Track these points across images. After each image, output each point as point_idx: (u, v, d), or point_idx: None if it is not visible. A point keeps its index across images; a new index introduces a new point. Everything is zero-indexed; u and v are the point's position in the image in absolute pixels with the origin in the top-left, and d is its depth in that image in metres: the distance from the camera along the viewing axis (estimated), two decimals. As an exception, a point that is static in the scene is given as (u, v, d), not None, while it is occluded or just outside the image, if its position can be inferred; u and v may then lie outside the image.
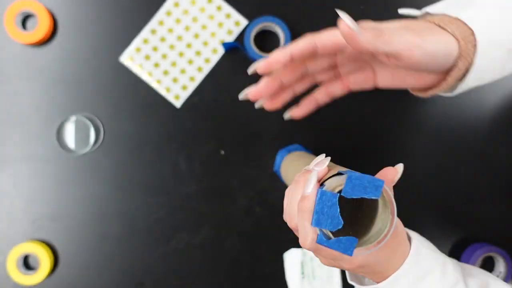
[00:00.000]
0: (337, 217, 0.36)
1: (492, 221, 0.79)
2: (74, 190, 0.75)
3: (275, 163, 0.75)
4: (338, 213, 0.36)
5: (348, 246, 0.37)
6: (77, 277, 0.75)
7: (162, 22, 0.76)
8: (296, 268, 0.75)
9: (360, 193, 0.36)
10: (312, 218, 0.37)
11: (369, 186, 0.36)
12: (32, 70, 0.75)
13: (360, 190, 0.36)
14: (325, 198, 0.36)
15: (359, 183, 0.36)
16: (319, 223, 0.36)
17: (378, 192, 0.36)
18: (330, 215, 0.36)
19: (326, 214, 0.36)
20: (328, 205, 0.36)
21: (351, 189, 0.36)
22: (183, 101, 0.76)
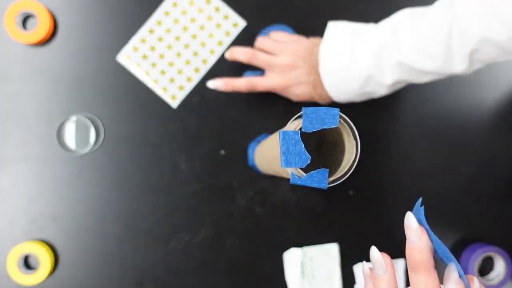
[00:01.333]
0: (303, 153, 0.37)
1: (491, 221, 0.79)
2: (74, 190, 0.75)
3: (248, 157, 0.75)
4: (303, 149, 0.37)
5: (321, 179, 0.37)
6: (77, 277, 0.75)
7: (160, 22, 0.76)
8: (296, 268, 0.75)
9: (319, 125, 0.37)
10: (280, 159, 0.38)
11: (326, 116, 0.37)
12: (32, 70, 0.75)
13: (318, 122, 0.37)
14: (287, 138, 0.37)
15: (315, 116, 0.37)
16: (288, 163, 0.37)
17: (335, 120, 0.37)
18: (297, 153, 0.37)
19: (292, 152, 0.37)
20: (292, 144, 0.37)
21: (309, 123, 0.37)
22: (179, 102, 0.76)
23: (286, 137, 0.37)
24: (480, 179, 0.79)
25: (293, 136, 0.37)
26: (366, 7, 0.78)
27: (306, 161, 0.37)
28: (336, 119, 0.37)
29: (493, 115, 0.79)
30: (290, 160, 0.37)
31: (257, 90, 0.71)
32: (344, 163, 0.41)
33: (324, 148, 0.44)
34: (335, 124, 0.37)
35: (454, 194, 0.78)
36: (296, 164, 0.37)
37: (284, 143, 0.37)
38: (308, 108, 0.38)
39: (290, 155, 0.37)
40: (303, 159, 0.37)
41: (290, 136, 0.37)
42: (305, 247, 0.76)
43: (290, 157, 0.37)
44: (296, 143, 0.37)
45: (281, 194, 0.77)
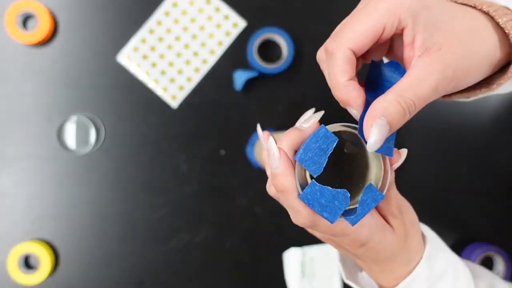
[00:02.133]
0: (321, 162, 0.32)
1: (491, 221, 0.79)
2: (74, 190, 0.75)
3: (247, 152, 0.75)
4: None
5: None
6: (77, 276, 0.75)
7: (160, 22, 0.76)
8: (296, 268, 0.75)
9: (323, 156, 0.32)
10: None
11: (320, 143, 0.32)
12: (33, 70, 0.75)
13: (319, 155, 0.32)
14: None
15: (311, 154, 0.32)
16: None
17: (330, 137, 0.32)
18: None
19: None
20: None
21: (313, 164, 0.32)
22: (179, 102, 0.76)
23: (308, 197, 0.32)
24: (480, 179, 0.79)
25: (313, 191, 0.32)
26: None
27: (347, 197, 0.32)
28: (330, 136, 0.32)
29: (493, 115, 0.79)
30: (333, 211, 0.32)
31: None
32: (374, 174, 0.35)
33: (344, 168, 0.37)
34: (334, 140, 0.32)
35: (454, 194, 0.78)
36: (341, 209, 0.32)
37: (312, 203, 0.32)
38: (299, 155, 0.32)
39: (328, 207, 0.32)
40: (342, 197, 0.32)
41: (311, 194, 0.32)
42: (305, 247, 0.76)
43: (330, 209, 0.32)
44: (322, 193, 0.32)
45: (281, 194, 0.77)
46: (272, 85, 0.77)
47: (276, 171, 0.32)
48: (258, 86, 0.77)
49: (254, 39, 0.74)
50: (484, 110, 0.79)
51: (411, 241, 0.38)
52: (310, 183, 0.32)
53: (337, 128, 0.33)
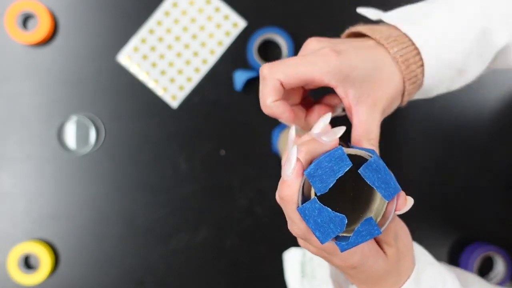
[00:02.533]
0: (335, 216, 0.32)
1: (491, 221, 0.79)
2: (74, 190, 0.75)
3: (272, 142, 0.75)
4: (332, 213, 0.32)
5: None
6: (77, 276, 0.75)
7: (160, 22, 0.76)
8: (296, 268, 0.75)
9: (332, 177, 0.32)
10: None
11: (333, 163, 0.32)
12: (33, 70, 0.75)
13: (329, 175, 0.32)
14: (308, 212, 0.32)
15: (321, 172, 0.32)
16: (326, 237, 0.32)
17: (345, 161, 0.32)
18: (327, 220, 0.32)
19: (323, 223, 0.32)
20: (317, 215, 0.32)
21: (321, 182, 0.32)
22: (180, 102, 0.76)
23: (306, 212, 0.32)
24: (480, 179, 0.79)
25: (312, 208, 0.32)
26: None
27: (343, 223, 0.32)
28: (345, 160, 0.32)
29: (493, 115, 0.79)
30: (326, 232, 0.32)
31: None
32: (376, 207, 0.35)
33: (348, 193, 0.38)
34: (348, 165, 0.32)
35: (454, 194, 0.78)
36: (335, 232, 0.32)
37: (308, 219, 0.32)
38: (309, 170, 0.32)
39: (322, 227, 0.32)
40: (338, 222, 0.32)
41: (310, 210, 0.32)
42: (305, 247, 0.76)
43: (324, 229, 0.32)
44: (320, 212, 0.32)
45: (281, 194, 0.77)
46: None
47: (285, 179, 0.34)
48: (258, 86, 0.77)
49: (254, 39, 0.74)
50: (484, 110, 0.79)
51: (403, 264, 0.40)
52: (312, 200, 0.32)
53: (353, 151, 0.33)
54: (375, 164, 0.32)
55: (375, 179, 0.32)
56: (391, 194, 0.33)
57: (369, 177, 0.32)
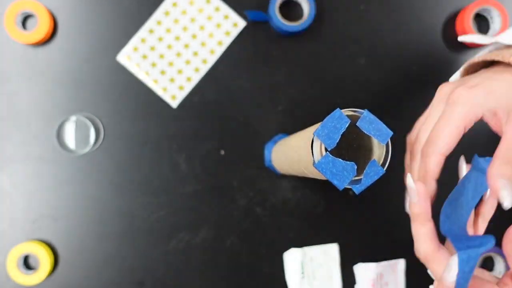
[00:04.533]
0: (335, 138, 0.39)
1: (492, 221, 0.79)
2: (74, 190, 0.75)
3: (265, 158, 0.75)
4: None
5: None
6: (77, 277, 0.75)
7: (160, 22, 0.76)
8: (296, 268, 0.75)
9: (372, 132, 0.39)
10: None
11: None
12: (32, 70, 0.75)
13: (373, 129, 0.39)
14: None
15: (327, 131, 0.39)
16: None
17: (344, 119, 0.39)
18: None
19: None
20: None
21: (328, 139, 0.39)
22: (179, 102, 0.76)
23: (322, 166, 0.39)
24: (480, 179, 0.78)
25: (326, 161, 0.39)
26: (366, 7, 0.78)
27: (354, 168, 0.39)
28: (344, 118, 0.39)
29: (493, 115, 0.79)
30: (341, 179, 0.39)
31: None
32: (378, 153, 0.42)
33: (353, 147, 0.46)
34: (347, 121, 0.39)
35: (454, 194, 0.78)
36: (349, 178, 0.39)
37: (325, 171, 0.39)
38: (317, 130, 0.39)
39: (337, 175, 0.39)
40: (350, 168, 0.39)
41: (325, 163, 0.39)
42: (305, 247, 0.76)
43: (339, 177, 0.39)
44: (334, 164, 0.39)
45: (281, 194, 0.77)
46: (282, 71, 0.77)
47: (446, 282, 0.39)
48: (263, 76, 0.77)
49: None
50: (485, 110, 0.78)
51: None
52: (325, 155, 0.39)
53: (349, 112, 0.41)
54: (368, 117, 0.40)
55: (371, 129, 0.40)
56: (385, 138, 0.40)
57: (365, 128, 0.40)
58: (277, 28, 0.75)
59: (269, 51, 0.77)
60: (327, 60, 0.78)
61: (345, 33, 0.78)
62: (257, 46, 0.77)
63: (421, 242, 0.40)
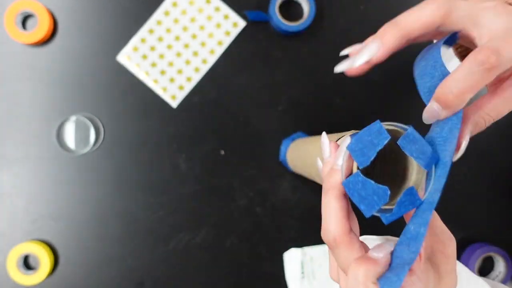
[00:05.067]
0: (377, 188, 0.31)
1: (492, 221, 0.79)
2: (74, 190, 0.75)
3: (280, 152, 0.75)
4: (375, 185, 0.31)
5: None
6: (77, 277, 0.75)
7: (160, 21, 0.76)
8: (296, 268, 0.75)
9: (372, 151, 0.32)
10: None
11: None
12: (32, 70, 0.75)
13: (369, 148, 0.32)
14: (352, 186, 0.32)
15: (362, 145, 0.32)
16: (370, 209, 0.32)
17: (383, 134, 0.32)
18: (371, 193, 0.32)
19: (367, 196, 0.32)
20: (360, 188, 0.32)
21: (362, 156, 0.32)
22: (179, 101, 0.76)
23: (350, 185, 0.32)
24: (480, 179, 0.79)
25: (355, 181, 0.32)
26: (366, 7, 0.78)
27: (386, 194, 0.31)
28: (383, 133, 0.32)
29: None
30: (370, 205, 0.32)
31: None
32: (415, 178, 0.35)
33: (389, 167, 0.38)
34: (386, 137, 0.32)
35: (454, 194, 0.78)
36: (379, 204, 0.32)
37: (352, 193, 0.32)
38: (350, 144, 0.33)
39: (366, 199, 0.32)
40: (382, 193, 0.31)
41: (353, 183, 0.32)
42: (305, 247, 0.76)
43: (368, 202, 0.32)
44: (363, 185, 0.32)
45: (281, 194, 0.77)
46: (281, 70, 0.77)
47: (336, 167, 0.33)
48: (263, 73, 0.77)
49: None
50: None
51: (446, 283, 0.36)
52: (355, 173, 0.32)
53: (390, 126, 0.34)
54: (412, 135, 0.33)
55: (413, 150, 0.32)
56: (430, 164, 0.33)
57: (408, 148, 0.32)
58: (277, 28, 0.75)
59: (269, 51, 0.77)
60: (327, 60, 0.78)
61: (345, 33, 0.78)
62: (257, 46, 0.77)
63: (331, 219, 0.34)
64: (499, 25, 0.32)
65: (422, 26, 0.34)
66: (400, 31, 0.34)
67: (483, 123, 0.34)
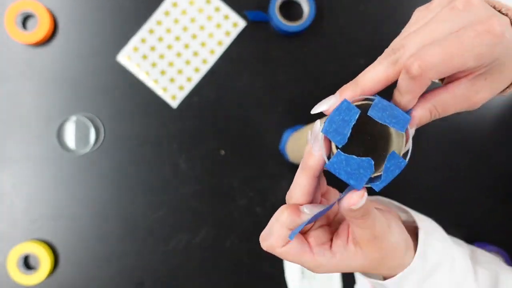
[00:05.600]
0: (345, 133, 0.33)
1: (491, 221, 0.79)
2: (74, 190, 0.75)
3: (281, 141, 0.75)
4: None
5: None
6: (77, 277, 0.75)
7: (160, 22, 0.76)
8: (296, 268, 0.75)
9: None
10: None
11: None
12: (32, 70, 0.75)
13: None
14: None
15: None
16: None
17: (404, 126, 0.33)
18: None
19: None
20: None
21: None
22: (179, 102, 0.76)
23: (334, 166, 0.34)
24: (480, 179, 0.79)
25: (339, 160, 0.33)
26: (366, 7, 0.78)
27: (371, 164, 0.33)
28: (353, 108, 0.33)
29: (493, 115, 0.79)
30: (358, 178, 0.34)
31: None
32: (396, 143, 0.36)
33: (368, 140, 0.39)
34: (357, 112, 0.33)
35: (454, 194, 0.78)
36: (366, 176, 0.34)
37: (339, 172, 0.33)
38: (324, 127, 0.34)
39: (353, 175, 0.34)
40: (366, 165, 0.33)
41: (337, 163, 0.33)
42: (305, 247, 0.76)
43: (356, 176, 0.34)
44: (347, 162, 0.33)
45: (281, 194, 0.77)
46: (281, 68, 0.77)
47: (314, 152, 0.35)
48: (262, 75, 0.77)
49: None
50: (485, 110, 0.79)
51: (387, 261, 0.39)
52: (336, 153, 0.34)
53: (357, 101, 0.35)
54: (380, 104, 0.34)
55: (385, 117, 0.34)
56: (404, 125, 0.34)
57: (379, 116, 0.33)
58: (277, 28, 0.75)
59: (269, 51, 0.77)
60: (327, 60, 0.78)
61: (345, 33, 0.78)
62: (257, 46, 0.77)
63: (297, 190, 0.37)
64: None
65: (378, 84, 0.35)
66: (358, 88, 0.35)
67: (428, 115, 0.35)
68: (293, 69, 0.77)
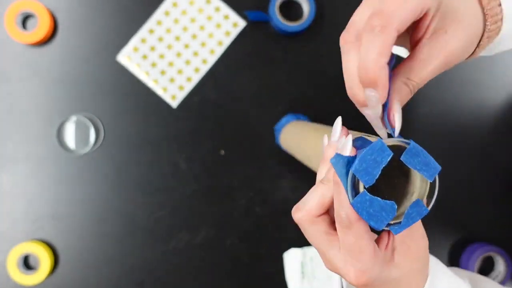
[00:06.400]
0: (374, 174, 0.33)
1: (492, 221, 0.79)
2: (74, 190, 0.75)
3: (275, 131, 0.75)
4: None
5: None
6: (77, 276, 0.75)
7: (160, 22, 0.76)
8: (296, 268, 0.75)
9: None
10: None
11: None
12: (32, 70, 0.75)
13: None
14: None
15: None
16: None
17: (433, 175, 0.33)
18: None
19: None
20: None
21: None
22: (179, 102, 0.76)
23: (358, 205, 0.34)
24: (480, 179, 0.79)
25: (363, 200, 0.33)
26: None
27: (394, 209, 0.33)
28: (386, 150, 0.33)
29: (493, 115, 0.79)
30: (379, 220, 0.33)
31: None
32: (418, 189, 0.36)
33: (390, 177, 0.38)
34: (389, 154, 0.33)
35: (454, 194, 0.78)
36: (387, 219, 0.33)
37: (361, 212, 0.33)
38: (355, 165, 0.33)
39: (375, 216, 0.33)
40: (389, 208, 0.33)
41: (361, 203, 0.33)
42: (305, 247, 0.76)
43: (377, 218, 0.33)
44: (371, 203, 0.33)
45: (281, 194, 0.77)
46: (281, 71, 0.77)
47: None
48: (259, 77, 0.77)
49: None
50: (485, 110, 0.79)
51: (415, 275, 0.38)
52: (361, 193, 0.33)
53: (391, 142, 0.35)
54: (414, 149, 0.34)
55: (417, 163, 0.34)
56: (433, 174, 0.34)
57: (411, 162, 0.33)
58: (277, 28, 0.75)
59: (269, 51, 0.77)
60: (327, 60, 0.78)
61: (345, 33, 0.78)
62: (257, 46, 0.77)
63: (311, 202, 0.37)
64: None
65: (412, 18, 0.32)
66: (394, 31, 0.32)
67: (407, 89, 0.34)
68: (293, 69, 0.77)
